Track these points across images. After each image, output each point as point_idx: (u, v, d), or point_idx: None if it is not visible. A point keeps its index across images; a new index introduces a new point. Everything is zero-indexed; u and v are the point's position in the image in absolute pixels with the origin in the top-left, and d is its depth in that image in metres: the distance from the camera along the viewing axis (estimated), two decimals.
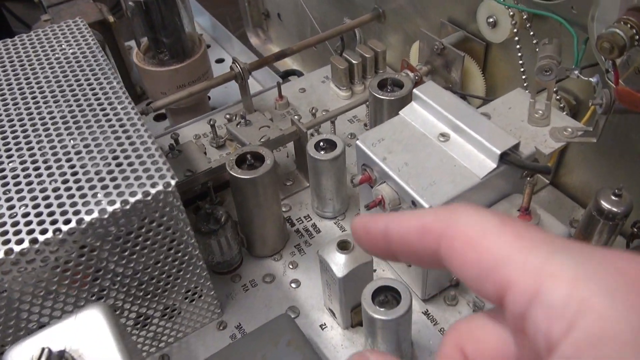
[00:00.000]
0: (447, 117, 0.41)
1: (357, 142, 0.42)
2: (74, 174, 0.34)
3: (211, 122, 0.59)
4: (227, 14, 1.16)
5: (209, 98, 0.75)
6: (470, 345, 0.17)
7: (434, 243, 0.17)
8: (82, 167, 0.35)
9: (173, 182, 0.34)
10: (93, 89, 0.40)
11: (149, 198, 0.33)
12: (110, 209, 0.32)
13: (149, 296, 0.39)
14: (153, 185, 0.33)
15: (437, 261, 0.17)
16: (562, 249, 0.15)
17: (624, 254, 0.14)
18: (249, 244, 0.49)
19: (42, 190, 0.33)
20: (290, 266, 0.49)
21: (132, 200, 0.33)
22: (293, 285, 0.47)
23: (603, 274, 0.14)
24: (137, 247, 0.35)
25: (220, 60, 0.85)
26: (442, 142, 0.41)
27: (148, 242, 0.35)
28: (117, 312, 0.39)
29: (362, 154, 0.42)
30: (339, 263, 0.39)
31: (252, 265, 0.49)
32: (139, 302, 0.39)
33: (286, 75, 0.81)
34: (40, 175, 0.34)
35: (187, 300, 0.42)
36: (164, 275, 0.39)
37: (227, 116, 0.59)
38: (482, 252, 0.16)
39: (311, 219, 0.53)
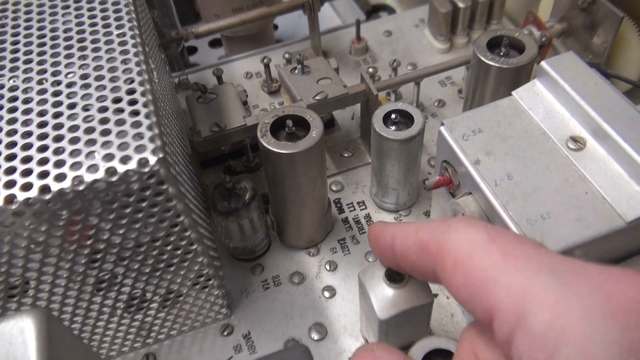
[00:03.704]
0: (588, 113, 0.27)
1: (442, 128, 0.29)
2: (43, 124, 0.24)
3: (265, 61, 0.47)
4: None
5: (276, 27, 0.62)
6: (483, 350, 0.17)
7: (430, 262, 0.18)
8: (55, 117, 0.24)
9: (153, 160, 0.23)
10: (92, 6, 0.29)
11: (115, 179, 0.23)
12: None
13: (145, 277, 0.30)
14: (124, 161, 0.23)
15: (436, 279, 0.18)
16: (549, 268, 0.15)
17: (615, 272, 0.14)
18: (280, 230, 0.38)
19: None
20: (327, 267, 0.38)
21: (86, 180, 0.22)
22: (326, 293, 0.36)
23: (587, 298, 0.13)
24: (125, 220, 0.25)
25: None
26: (573, 150, 0.27)
27: (139, 216, 0.25)
28: (113, 287, 0.30)
29: (445, 147, 0.29)
30: (384, 299, 0.27)
31: (279, 255, 0.39)
32: (135, 277, 0.30)
33: (375, 10, 0.66)
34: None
35: (192, 288, 0.32)
36: (164, 256, 0.30)
37: (287, 55, 0.47)
38: (469, 274, 0.16)
39: (366, 208, 0.41)
